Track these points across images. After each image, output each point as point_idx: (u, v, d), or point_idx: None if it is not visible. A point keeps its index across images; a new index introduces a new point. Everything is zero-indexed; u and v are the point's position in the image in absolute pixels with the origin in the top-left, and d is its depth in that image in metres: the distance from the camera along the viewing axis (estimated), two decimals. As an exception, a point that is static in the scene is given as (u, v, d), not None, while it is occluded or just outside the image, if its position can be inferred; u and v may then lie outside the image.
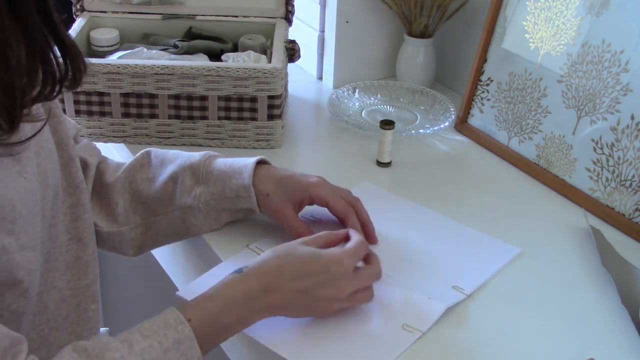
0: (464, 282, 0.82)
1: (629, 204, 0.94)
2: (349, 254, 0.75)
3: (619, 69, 0.95)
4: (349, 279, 0.74)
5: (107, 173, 0.88)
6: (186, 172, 0.85)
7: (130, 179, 0.87)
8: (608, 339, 0.77)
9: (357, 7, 1.29)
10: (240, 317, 0.70)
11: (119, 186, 0.87)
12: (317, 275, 0.72)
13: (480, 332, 0.77)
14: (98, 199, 0.87)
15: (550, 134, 1.05)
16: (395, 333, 0.75)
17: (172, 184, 0.86)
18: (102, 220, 0.86)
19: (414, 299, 0.79)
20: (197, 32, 1.22)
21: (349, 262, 0.74)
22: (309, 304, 0.73)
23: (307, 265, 0.73)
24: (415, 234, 0.91)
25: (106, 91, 1.06)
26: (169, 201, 0.86)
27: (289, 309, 0.73)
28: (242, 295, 0.70)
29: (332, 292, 0.73)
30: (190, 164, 0.86)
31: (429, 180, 1.06)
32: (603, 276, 0.85)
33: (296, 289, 0.72)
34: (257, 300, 0.70)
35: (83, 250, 0.76)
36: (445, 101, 1.22)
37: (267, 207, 0.85)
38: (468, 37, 1.28)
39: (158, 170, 0.87)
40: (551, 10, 1.05)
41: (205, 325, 0.68)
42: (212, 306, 0.69)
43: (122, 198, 0.87)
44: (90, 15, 1.21)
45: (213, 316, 0.68)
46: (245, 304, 0.70)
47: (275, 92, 1.07)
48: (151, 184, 0.87)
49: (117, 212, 0.86)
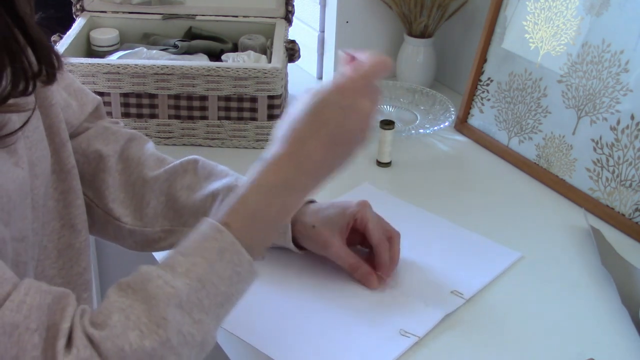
0: (463, 287, 0.82)
1: (629, 204, 0.94)
2: (352, 79, 0.68)
3: (619, 69, 0.95)
4: (363, 95, 0.67)
5: (147, 166, 0.84)
6: (228, 193, 0.80)
7: (170, 182, 0.83)
8: (608, 339, 0.77)
9: (357, 7, 1.29)
10: (284, 204, 0.65)
11: (157, 186, 0.83)
12: (333, 116, 0.66)
13: (480, 334, 0.77)
14: (131, 192, 0.83)
15: (550, 134, 1.05)
16: (392, 338, 0.75)
17: (212, 200, 0.82)
18: (129, 216, 0.82)
19: (411, 305, 0.79)
20: (197, 32, 1.22)
21: (353, 84, 0.67)
22: (345, 146, 0.67)
23: (318, 115, 0.66)
24: (414, 237, 0.90)
25: (106, 91, 1.06)
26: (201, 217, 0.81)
27: (332, 165, 0.67)
28: (278, 182, 0.65)
29: (357, 117, 0.67)
30: (236, 185, 0.80)
31: (428, 180, 1.06)
32: (603, 276, 0.85)
33: (324, 144, 0.66)
34: (295, 180, 0.65)
35: (75, 237, 0.74)
36: (445, 101, 1.22)
37: (311, 239, 0.82)
38: (468, 37, 1.28)
39: (202, 182, 0.83)
40: (551, 10, 1.05)
41: (248, 225, 0.63)
42: (249, 204, 0.64)
43: (156, 199, 0.82)
44: (90, 15, 1.21)
45: (254, 213, 0.64)
46: (284, 189, 0.65)
47: (275, 92, 1.07)
48: (190, 193, 0.83)
49: (145, 212, 0.83)
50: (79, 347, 0.54)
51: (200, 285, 0.60)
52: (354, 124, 0.67)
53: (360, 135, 0.68)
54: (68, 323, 0.56)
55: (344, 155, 0.68)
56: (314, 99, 0.67)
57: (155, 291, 0.58)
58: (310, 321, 0.77)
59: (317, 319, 0.77)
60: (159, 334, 0.57)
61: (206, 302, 0.60)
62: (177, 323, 0.58)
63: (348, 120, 0.66)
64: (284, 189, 0.65)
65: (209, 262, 0.61)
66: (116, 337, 0.55)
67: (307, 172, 0.66)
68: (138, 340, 0.56)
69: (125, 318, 0.56)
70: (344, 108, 0.66)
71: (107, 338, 0.55)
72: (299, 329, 0.75)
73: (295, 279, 0.83)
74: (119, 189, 0.83)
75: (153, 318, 0.57)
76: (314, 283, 0.82)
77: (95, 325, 0.56)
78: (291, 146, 0.66)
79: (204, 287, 0.60)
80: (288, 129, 0.67)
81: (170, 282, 0.59)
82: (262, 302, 0.79)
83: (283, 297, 0.80)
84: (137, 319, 0.57)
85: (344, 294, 0.80)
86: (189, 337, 0.59)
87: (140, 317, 0.57)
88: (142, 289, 0.58)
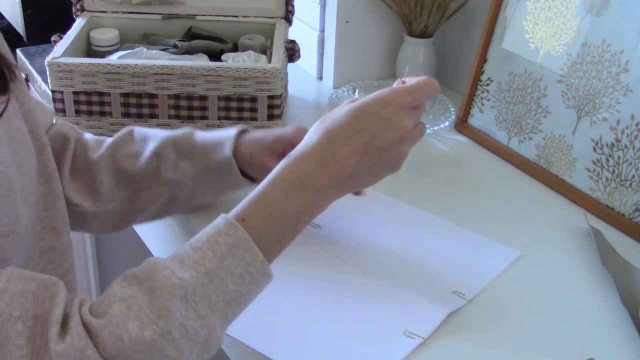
0: (465, 287, 0.82)
1: (629, 204, 0.94)
2: (397, 91, 0.66)
3: (619, 69, 0.95)
4: (405, 112, 0.65)
5: (89, 149, 0.86)
6: (169, 146, 0.83)
7: (113, 155, 0.85)
8: (608, 339, 0.77)
9: (357, 7, 1.29)
10: (303, 202, 0.63)
11: (103, 163, 0.85)
12: (370, 126, 0.64)
13: (481, 335, 0.77)
14: (81, 177, 0.85)
15: (550, 134, 1.05)
16: (397, 339, 0.74)
17: (157, 159, 0.83)
18: (87, 200, 0.84)
19: (415, 305, 0.79)
20: (197, 32, 1.22)
21: (397, 98, 0.65)
22: (375, 161, 0.65)
23: (355, 121, 0.64)
24: (414, 238, 0.90)
25: (106, 91, 1.06)
26: (154, 177, 0.84)
27: (358, 177, 0.65)
28: (298, 178, 0.63)
29: (395, 134, 0.65)
30: (173, 138, 0.84)
31: (428, 180, 1.06)
32: (603, 276, 0.85)
33: (354, 151, 0.64)
34: (316, 178, 0.63)
35: (56, 239, 0.74)
36: (445, 101, 1.22)
37: (253, 167, 0.82)
38: (468, 37, 1.28)
39: (141, 146, 0.85)
40: (551, 10, 1.05)
41: (265, 221, 0.61)
42: (268, 199, 0.62)
43: (106, 176, 0.84)
44: (90, 15, 1.21)
45: (272, 210, 0.62)
46: (304, 186, 0.63)
47: (275, 92, 1.07)
48: (135, 160, 0.85)
49: (101, 191, 0.84)
50: (73, 335, 0.53)
51: (207, 280, 0.58)
52: (389, 137, 0.65)
53: (394, 152, 0.66)
54: (60, 310, 0.55)
55: (373, 170, 0.66)
56: (355, 105, 0.65)
57: (161, 281, 0.57)
58: (313, 323, 0.77)
59: (319, 320, 0.77)
60: (160, 325, 0.55)
61: (213, 298, 0.59)
62: (180, 316, 0.56)
63: (384, 133, 0.64)
64: (303, 186, 0.63)
65: (219, 257, 0.59)
66: (115, 326, 0.54)
67: (331, 174, 0.64)
68: (137, 331, 0.54)
69: (126, 307, 0.55)
70: (383, 119, 0.64)
71: (105, 327, 0.54)
72: (301, 331, 0.75)
73: (298, 279, 0.82)
74: (71, 179, 0.84)
75: (155, 308, 0.56)
76: (315, 284, 0.82)
77: (95, 313, 0.56)
78: (320, 146, 0.64)
79: (211, 282, 0.59)
80: (321, 128, 0.65)
81: (177, 273, 0.57)
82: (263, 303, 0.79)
83: (285, 298, 0.80)
84: (138, 309, 0.55)
85: (346, 295, 0.80)
86: (191, 332, 0.57)
87: (142, 307, 0.56)
88: (148, 278, 0.57)
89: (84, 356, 0.53)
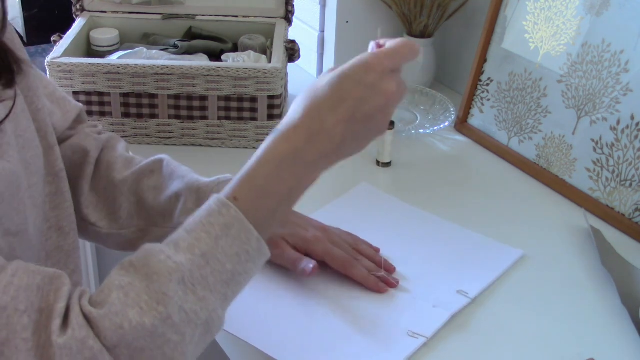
0: (468, 286, 0.82)
1: (629, 204, 0.94)
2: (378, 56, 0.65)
3: (619, 69, 0.95)
4: (388, 76, 0.64)
5: (115, 170, 0.84)
6: (192, 194, 0.79)
7: (137, 183, 0.83)
8: (608, 339, 0.77)
9: (357, 7, 1.29)
10: (295, 177, 0.62)
11: (126, 189, 0.83)
12: (355, 93, 0.63)
13: (484, 335, 0.77)
14: (103, 196, 0.83)
15: (550, 134, 1.05)
16: (400, 339, 0.74)
17: (176, 201, 0.81)
18: (103, 220, 0.83)
19: (418, 306, 0.79)
20: (197, 32, 1.22)
21: (379, 63, 0.64)
22: (362, 127, 0.64)
23: (339, 89, 0.63)
24: (416, 238, 0.90)
25: (106, 91, 1.06)
26: (168, 217, 0.82)
27: (346, 145, 0.64)
28: (288, 153, 0.62)
29: (380, 99, 0.64)
30: (198, 187, 0.79)
31: (429, 180, 1.06)
32: (603, 276, 0.85)
33: (342, 120, 0.63)
34: (306, 152, 0.62)
35: (63, 239, 0.73)
36: (445, 101, 1.22)
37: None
38: (468, 37, 1.28)
39: (166, 182, 0.82)
40: (551, 10, 1.05)
41: (257, 199, 0.61)
42: (259, 176, 0.61)
43: (127, 201, 0.82)
44: (90, 15, 1.21)
45: (264, 187, 0.61)
46: (295, 160, 0.62)
47: (275, 92, 1.07)
48: (156, 194, 0.83)
49: (119, 214, 0.83)
50: (74, 327, 0.53)
51: (204, 262, 0.58)
52: (375, 103, 0.64)
53: (380, 116, 0.65)
54: (63, 303, 0.54)
55: (361, 136, 0.65)
56: (336, 73, 0.64)
57: (157, 267, 0.56)
58: (316, 322, 0.77)
59: (322, 320, 0.77)
60: (159, 310, 0.55)
61: (211, 280, 0.58)
62: (179, 299, 0.56)
63: (370, 99, 0.63)
64: (294, 160, 0.62)
65: (214, 237, 0.59)
66: (114, 314, 0.54)
67: (320, 146, 0.63)
68: (138, 318, 0.54)
69: (124, 295, 0.55)
70: (367, 85, 0.63)
71: (105, 316, 0.54)
72: (305, 331, 0.75)
73: (301, 278, 0.82)
74: (90, 195, 0.82)
75: (153, 294, 0.55)
76: (318, 284, 0.82)
77: (95, 303, 0.55)
78: (306, 117, 0.63)
79: (208, 263, 0.58)
80: (305, 100, 0.64)
81: (173, 257, 0.57)
82: (265, 303, 0.79)
83: (287, 299, 0.80)
84: (136, 296, 0.55)
85: (349, 295, 0.80)
86: (192, 314, 0.57)
87: (140, 294, 0.55)
88: (144, 265, 0.57)
89: (85, 347, 0.53)
